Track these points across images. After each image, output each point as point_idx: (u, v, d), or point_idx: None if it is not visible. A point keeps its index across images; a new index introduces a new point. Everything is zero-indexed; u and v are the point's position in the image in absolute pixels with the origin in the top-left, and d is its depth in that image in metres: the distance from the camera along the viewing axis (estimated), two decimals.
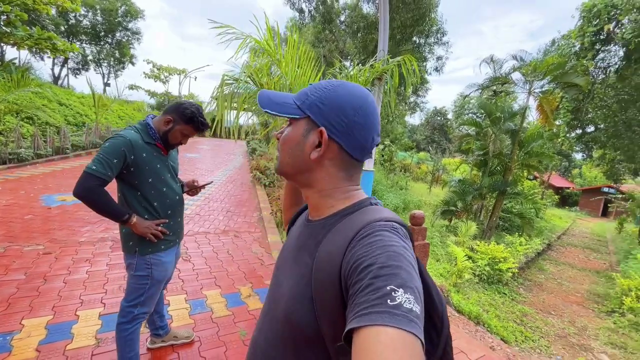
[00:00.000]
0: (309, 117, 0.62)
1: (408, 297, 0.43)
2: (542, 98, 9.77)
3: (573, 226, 18.03)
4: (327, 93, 0.62)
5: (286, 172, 0.67)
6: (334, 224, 0.62)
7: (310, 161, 0.62)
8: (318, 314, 0.55)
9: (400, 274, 0.46)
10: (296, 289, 0.60)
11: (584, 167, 32.56)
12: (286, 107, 0.64)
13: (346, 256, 0.53)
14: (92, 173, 1.46)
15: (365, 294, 0.45)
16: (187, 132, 1.68)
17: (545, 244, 11.12)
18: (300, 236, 0.69)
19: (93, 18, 25.73)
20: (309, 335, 0.56)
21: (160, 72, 23.37)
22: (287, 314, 0.60)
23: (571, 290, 7.74)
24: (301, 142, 0.63)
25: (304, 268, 0.61)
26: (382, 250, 0.49)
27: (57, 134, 9.20)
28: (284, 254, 0.73)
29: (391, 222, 0.57)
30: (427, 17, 12.36)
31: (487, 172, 10.16)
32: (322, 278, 0.55)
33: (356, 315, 0.43)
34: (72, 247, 3.63)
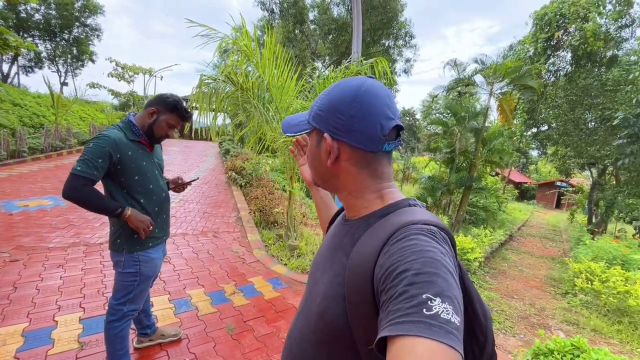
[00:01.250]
0: (315, 127, 0.65)
1: (446, 307, 0.41)
2: (501, 99, 10.51)
3: (531, 218, 19.41)
4: (324, 99, 0.63)
5: (317, 183, 0.72)
6: (370, 224, 0.60)
7: (330, 168, 0.63)
8: (350, 315, 0.54)
9: (437, 282, 0.43)
10: (330, 287, 0.60)
11: (539, 163, 35.08)
12: (300, 126, 0.68)
13: (379, 260, 0.51)
14: (77, 173, 1.47)
15: (399, 301, 0.42)
16: (172, 121, 1.69)
17: (507, 235, 11.91)
18: (337, 235, 0.69)
19: (46, 12, 23.97)
20: (341, 334, 0.56)
21: (125, 71, 22.24)
22: (321, 311, 0.60)
23: (531, 276, 8.39)
24: (317, 153, 0.65)
25: (339, 267, 0.60)
26: (417, 255, 0.46)
27: (12, 136, 8.55)
28: (321, 251, 0.73)
29: (428, 225, 0.53)
30: (395, 21, 12.83)
31: (454, 169, 10.75)
32: (354, 279, 0.54)
33: (389, 324, 0.41)
34: (41, 253, 3.45)
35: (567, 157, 14.50)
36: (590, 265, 6.67)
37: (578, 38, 11.12)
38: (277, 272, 3.69)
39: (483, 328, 0.56)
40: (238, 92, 3.77)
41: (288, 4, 13.40)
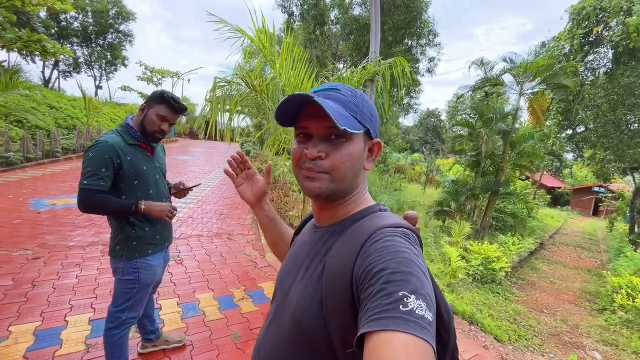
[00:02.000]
0: (368, 130, 0.63)
1: (420, 304, 0.43)
2: (533, 99, 9.90)
3: (565, 225, 18.25)
4: (369, 104, 0.64)
5: (342, 189, 0.63)
6: (345, 229, 0.62)
7: (362, 172, 0.65)
8: (328, 319, 0.54)
9: (412, 281, 0.46)
10: (306, 294, 0.60)
11: (574, 167, 33.03)
12: (352, 122, 0.59)
13: (358, 261, 0.53)
14: (85, 188, 1.48)
15: (377, 299, 0.45)
16: (162, 112, 1.62)
17: (538, 244, 11.23)
18: (309, 243, 0.69)
19: (84, 20, 25.47)
20: (318, 340, 0.56)
21: (153, 75, 23.19)
22: (296, 320, 0.59)
23: (564, 288, 7.82)
24: (362, 156, 0.63)
25: (314, 273, 0.61)
26: (393, 255, 0.49)
27: (47, 137, 9.07)
28: (290, 261, 0.73)
29: (402, 228, 0.57)
30: (418, 20, 12.47)
31: (480, 173, 10.26)
32: (333, 282, 0.55)
33: (368, 320, 0.43)
34: (61, 251, 3.57)
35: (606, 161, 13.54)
36: (632, 280, 6.12)
37: (620, 34, 10.31)
38: None
39: (446, 325, 0.59)
40: (253, 94, 3.73)
41: (309, 6, 13.39)
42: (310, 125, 0.61)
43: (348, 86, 0.65)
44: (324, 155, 0.60)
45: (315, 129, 0.61)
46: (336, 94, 0.62)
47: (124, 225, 1.63)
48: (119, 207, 1.55)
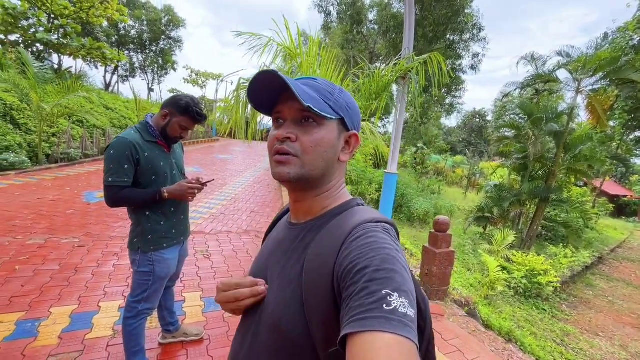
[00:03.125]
0: (342, 119, 0.62)
1: (403, 302, 0.43)
2: (592, 97, 8.90)
3: (631, 238, 16.22)
4: (347, 96, 0.64)
5: (312, 176, 0.60)
6: (322, 225, 0.61)
7: (336, 163, 0.63)
8: (309, 319, 0.53)
9: (395, 278, 0.45)
10: (284, 294, 0.58)
11: None
12: (323, 105, 0.59)
13: (339, 258, 0.52)
14: (110, 185, 1.56)
15: (360, 297, 0.44)
16: (184, 123, 1.68)
17: (595, 257, 10.08)
18: (284, 240, 0.67)
19: (139, 28, 27.73)
20: (299, 342, 0.54)
21: (198, 78, 24.60)
22: (274, 321, 0.57)
23: (625, 310, 6.92)
24: (336, 145, 0.62)
25: (291, 272, 0.59)
26: (376, 252, 0.49)
27: (102, 135, 9.95)
28: (263, 259, 0.70)
29: (382, 222, 0.57)
30: (461, 13, 11.79)
31: (527, 177, 9.44)
32: (313, 280, 0.53)
33: (351, 320, 0.43)
34: (103, 241, 3.86)
35: None
36: None
37: None
38: None
39: (423, 313, 0.60)
40: None
41: (346, 5, 13.29)
42: (283, 109, 0.60)
43: (326, 79, 0.65)
44: (293, 137, 0.59)
45: (287, 112, 0.60)
46: (312, 82, 0.62)
47: (141, 219, 1.69)
48: (144, 197, 1.63)
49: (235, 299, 0.62)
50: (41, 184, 6.13)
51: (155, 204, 1.67)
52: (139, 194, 1.62)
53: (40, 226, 4.06)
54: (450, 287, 3.88)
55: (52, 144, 8.10)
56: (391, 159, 4.57)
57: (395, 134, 4.47)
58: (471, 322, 3.31)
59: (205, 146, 16.53)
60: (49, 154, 7.89)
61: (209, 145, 17.49)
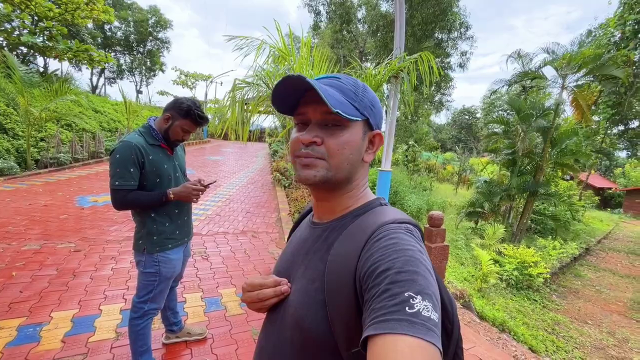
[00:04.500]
0: (367, 119, 0.61)
1: (426, 305, 0.42)
2: (577, 93, 9.17)
3: (616, 230, 16.71)
4: (371, 95, 0.63)
5: (339, 178, 0.60)
6: (345, 225, 0.61)
7: (361, 163, 0.63)
8: (331, 319, 0.53)
9: (417, 280, 0.45)
10: (306, 294, 0.58)
11: (627, 166, 30.15)
12: (349, 108, 0.58)
13: (361, 259, 0.52)
14: (117, 188, 1.58)
15: (382, 299, 0.44)
16: (186, 126, 1.72)
17: (582, 249, 10.38)
18: (307, 240, 0.67)
19: (126, 29, 27.30)
20: (321, 341, 0.54)
21: (187, 79, 24.38)
22: (296, 320, 0.58)
23: (612, 298, 7.17)
24: (361, 146, 0.61)
25: (314, 272, 0.59)
26: (398, 254, 0.48)
27: (92, 139, 9.81)
28: (287, 258, 0.71)
29: (405, 223, 0.56)
30: (448, 12, 11.97)
31: (516, 172, 9.66)
32: (335, 281, 0.53)
33: (373, 322, 0.42)
34: (100, 245, 3.84)
35: None
36: None
37: None
38: None
39: (450, 316, 0.58)
40: None
41: (335, 5, 13.35)
42: (307, 111, 0.60)
43: (349, 76, 0.64)
44: (319, 141, 0.58)
45: (312, 115, 0.59)
46: (336, 81, 0.61)
47: (146, 221, 1.72)
48: (150, 199, 1.66)
49: (259, 300, 0.63)
50: (32, 190, 6.03)
51: (161, 206, 1.70)
52: (146, 197, 1.65)
53: (34, 232, 4.02)
54: (445, 280, 3.98)
55: (41, 148, 7.97)
56: (385, 157, 4.65)
57: (388, 132, 4.56)
58: (466, 313, 3.42)
59: (196, 148, 16.41)
60: (38, 159, 7.76)
61: (200, 146, 17.36)
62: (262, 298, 0.63)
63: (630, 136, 13.49)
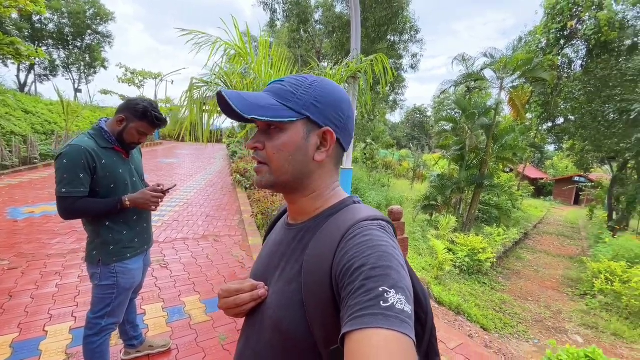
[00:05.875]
0: (307, 118, 0.59)
1: (400, 298, 0.43)
2: (513, 93, 10.15)
3: (548, 215, 18.79)
4: (317, 90, 0.60)
5: (283, 181, 0.61)
6: (319, 225, 0.61)
7: (313, 163, 0.61)
8: (309, 319, 0.53)
9: (391, 275, 0.46)
10: (284, 295, 0.58)
11: (555, 158, 33.99)
12: (277, 111, 0.57)
13: (336, 258, 0.52)
14: (64, 196, 1.45)
15: (358, 295, 0.44)
16: (142, 129, 1.61)
17: (522, 234, 11.54)
18: (282, 242, 0.67)
19: (59, 21, 24.67)
20: (300, 342, 0.55)
21: (134, 76, 22.68)
22: (275, 322, 0.58)
23: (547, 276, 8.07)
24: (303, 146, 0.59)
25: (291, 274, 0.59)
26: (372, 250, 0.49)
27: (23, 143, 8.76)
28: (263, 261, 0.70)
29: (378, 220, 0.57)
30: (400, 15, 12.57)
31: (464, 167, 10.45)
32: (312, 281, 0.54)
33: (349, 319, 0.43)
34: (40, 260, 3.46)
35: (585, 151, 13.98)
36: (610, 265, 6.35)
37: (592, 27, 10.63)
38: None
39: (423, 307, 0.60)
40: None
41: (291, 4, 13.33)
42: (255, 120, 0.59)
43: (299, 75, 0.63)
44: (260, 146, 0.60)
45: (259, 122, 0.61)
46: (277, 85, 0.61)
47: (100, 230, 1.60)
48: (103, 207, 1.53)
49: (237, 305, 0.62)
50: None
51: (116, 214, 1.58)
52: (98, 204, 1.53)
53: None
54: None
55: None
56: (346, 155, 4.77)
57: None
58: None
59: (147, 150, 15.40)
60: None
61: (152, 149, 16.32)
62: (240, 303, 0.62)
63: (556, 131, 15.16)
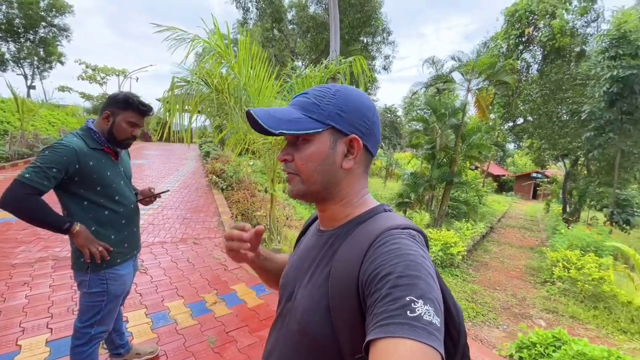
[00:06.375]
0: (332, 127, 0.60)
1: (428, 309, 0.42)
2: (478, 95, 10.76)
3: (510, 209, 20.01)
4: (341, 100, 0.61)
5: (314, 190, 0.62)
6: (349, 232, 0.61)
7: (341, 171, 0.62)
8: (335, 325, 0.53)
9: (419, 284, 0.45)
10: (312, 299, 0.59)
11: (515, 156, 36.29)
12: (302, 123, 0.59)
13: (363, 265, 0.52)
14: (24, 182, 1.33)
15: (384, 304, 0.44)
16: (131, 119, 1.54)
17: (488, 227, 12.22)
18: (313, 247, 0.68)
19: (7, 12, 22.67)
20: (326, 347, 0.55)
21: (96, 73, 21.33)
22: (302, 326, 0.58)
23: (512, 266, 8.63)
24: (331, 155, 0.60)
25: (319, 278, 0.60)
26: (399, 259, 0.48)
27: None
28: (295, 265, 0.72)
29: (408, 229, 0.56)
30: (373, 18, 12.88)
31: (435, 165, 10.92)
32: (339, 288, 0.54)
33: (375, 326, 0.43)
34: (4, 270, 3.22)
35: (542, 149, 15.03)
36: (566, 254, 6.89)
37: (547, 34, 11.52)
38: None
39: (456, 324, 0.59)
40: (213, 93, 3.64)
41: (265, 3, 13.21)
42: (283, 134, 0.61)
43: (323, 86, 0.64)
44: (289, 158, 0.62)
45: (287, 136, 0.63)
46: (301, 98, 0.63)
47: None
48: (51, 220, 1.40)
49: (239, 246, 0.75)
50: None
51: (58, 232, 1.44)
52: (49, 214, 1.39)
53: None
54: None
55: None
56: None
57: None
58: None
59: None
60: None
61: None
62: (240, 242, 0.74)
63: (516, 131, 16.21)
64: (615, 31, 8.30)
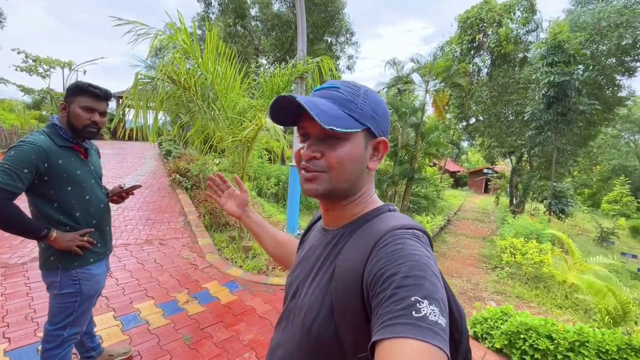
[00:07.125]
0: (368, 129, 0.59)
1: (433, 309, 0.42)
2: (435, 95, 11.43)
3: (465, 203, 21.46)
4: (372, 101, 0.60)
5: (342, 188, 0.60)
6: (354, 231, 0.61)
7: (366, 172, 0.62)
8: (338, 324, 0.53)
9: (424, 285, 0.45)
10: (315, 299, 0.59)
11: (469, 153, 38.85)
12: (347, 121, 0.56)
13: (368, 265, 0.52)
14: None
15: (389, 304, 0.44)
16: (86, 103, 1.48)
17: (446, 220, 13.04)
18: (318, 246, 0.67)
19: None
20: (328, 347, 0.55)
21: (37, 64, 19.37)
22: (306, 324, 0.58)
23: (467, 255, 9.33)
24: (364, 156, 0.60)
25: (323, 278, 0.60)
26: (405, 259, 0.48)
27: None
28: (300, 264, 0.71)
29: (412, 229, 0.56)
30: (336, 18, 13.12)
31: (397, 162, 11.44)
32: (343, 287, 0.54)
33: (380, 327, 0.43)
34: None
35: (492, 147, 16.30)
36: (513, 241, 7.62)
37: (494, 41, 12.53)
38: (233, 275, 3.62)
39: (458, 326, 0.59)
40: (180, 91, 3.57)
41: None
42: (307, 125, 0.60)
43: (350, 83, 0.63)
44: (318, 155, 0.59)
45: (311, 129, 0.60)
46: (334, 92, 0.59)
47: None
48: (30, 226, 1.37)
49: None
50: None
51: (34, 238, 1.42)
52: (27, 220, 1.37)
53: None
54: None
55: None
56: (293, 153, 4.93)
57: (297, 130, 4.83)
58: None
59: None
60: None
61: None
62: None
63: (469, 130, 17.38)
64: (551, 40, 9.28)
